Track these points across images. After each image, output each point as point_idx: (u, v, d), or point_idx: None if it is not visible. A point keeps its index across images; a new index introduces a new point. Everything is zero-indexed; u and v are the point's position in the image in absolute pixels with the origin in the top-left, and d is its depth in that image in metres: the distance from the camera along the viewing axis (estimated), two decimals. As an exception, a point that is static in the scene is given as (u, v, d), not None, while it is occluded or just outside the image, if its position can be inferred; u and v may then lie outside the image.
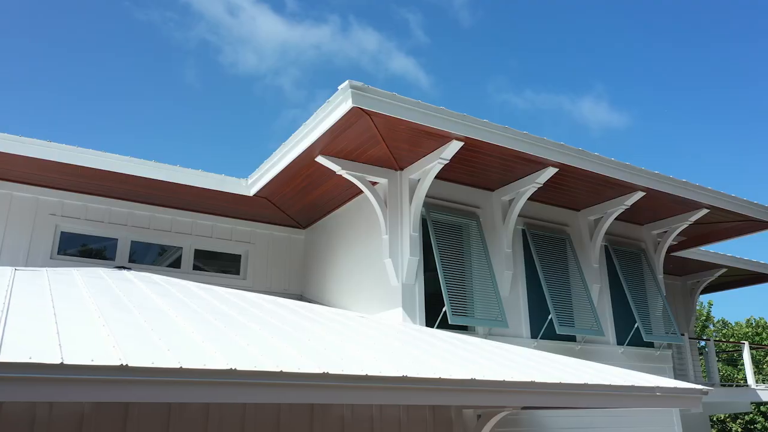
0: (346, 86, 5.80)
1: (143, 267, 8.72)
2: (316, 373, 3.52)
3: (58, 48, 43.65)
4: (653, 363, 9.40)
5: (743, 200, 9.34)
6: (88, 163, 7.62)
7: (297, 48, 56.66)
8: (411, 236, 7.30)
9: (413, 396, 3.92)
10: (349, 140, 6.85)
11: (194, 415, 4.75)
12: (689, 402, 5.55)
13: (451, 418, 5.91)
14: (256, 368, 3.36)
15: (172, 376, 3.11)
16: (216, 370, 3.21)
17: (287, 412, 5.09)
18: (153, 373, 3.07)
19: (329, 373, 3.56)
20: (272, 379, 3.38)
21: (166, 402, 4.75)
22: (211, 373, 3.21)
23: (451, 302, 7.14)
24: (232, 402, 3.34)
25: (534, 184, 7.83)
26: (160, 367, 3.08)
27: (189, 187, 8.29)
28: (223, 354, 3.53)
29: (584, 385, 4.71)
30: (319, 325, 5.42)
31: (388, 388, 3.79)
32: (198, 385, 3.18)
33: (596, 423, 8.44)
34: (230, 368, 3.25)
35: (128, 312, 4.49)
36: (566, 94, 62.44)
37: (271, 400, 3.42)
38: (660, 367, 9.47)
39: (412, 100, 6.13)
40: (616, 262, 9.44)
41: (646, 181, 8.28)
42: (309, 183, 8.14)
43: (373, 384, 3.71)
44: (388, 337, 5.32)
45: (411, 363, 4.25)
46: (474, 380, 4.13)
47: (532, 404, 4.67)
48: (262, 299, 6.53)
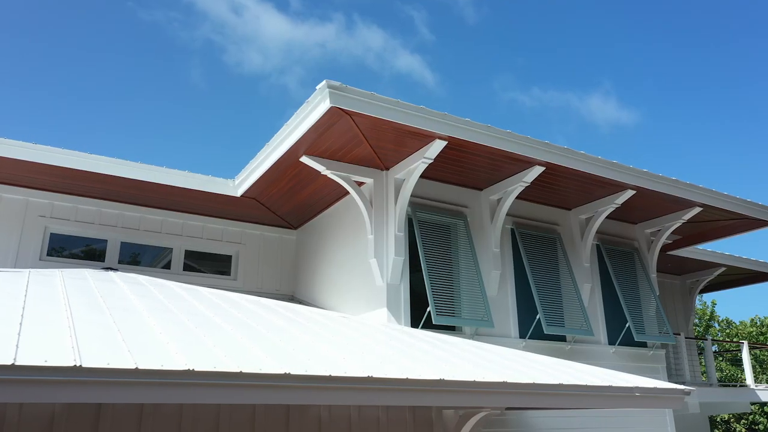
0: (323, 86, 5.79)
1: (133, 268, 8.75)
2: (277, 374, 3.51)
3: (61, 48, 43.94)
4: (646, 363, 9.32)
5: (737, 198, 9.25)
6: (72, 165, 7.64)
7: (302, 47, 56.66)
8: (396, 236, 7.27)
9: (379, 396, 3.90)
10: (332, 140, 6.84)
11: (168, 415, 4.75)
12: (671, 402, 5.50)
13: (432, 419, 5.88)
14: (215, 369, 3.35)
15: (126, 376, 3.10)
16: (172, 370, 3.21)
17: (263, 412, 5.09)
18: (107, 374, 3.07)
19: (291, 374, 3.55)
20: (231, 379, 3.37)
21: (136, 403, 4.76)
22: (168, 374, 3.20)
23: (436, 302, 7.11)
24: (191, 402, 3.33)
25: (521, 183, 7.79)
26: (114, 368, 3.08)
27: (177, 188, 8.31)
28: (184, 354, 3.52)
29: (559, 386, 4.67)
30: (297, 325, 5.41)
31: (354, 389, 3.77)
32: (155, 386, 3.18)
33: (588, 423, 8.38)
34: (188, 369, 3.24)
35: (101, 313, 4.49)
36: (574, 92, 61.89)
37: (229, 401, 3.41)
38: (653, 367, 9.40)
39: (391, 100, 6.11)
40: (608, 261, 9.37)
41: (635, 180, 8.21)
42: (296, 183, 8.14)
43: (337, 384, 3.70)
44: (365, 337, 5.31)
45: (380, 363, 4.23)
46: (443, 381, 4.10)
47: (506, 405, 4.64)
48: (245, 299, 6.53)
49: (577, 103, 61.10)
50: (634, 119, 61.86)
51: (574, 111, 62.29)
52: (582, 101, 61.05)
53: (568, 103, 61.16)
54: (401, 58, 58.24)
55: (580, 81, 62.20)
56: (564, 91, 61.39)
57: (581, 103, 60.99)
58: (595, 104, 60.95)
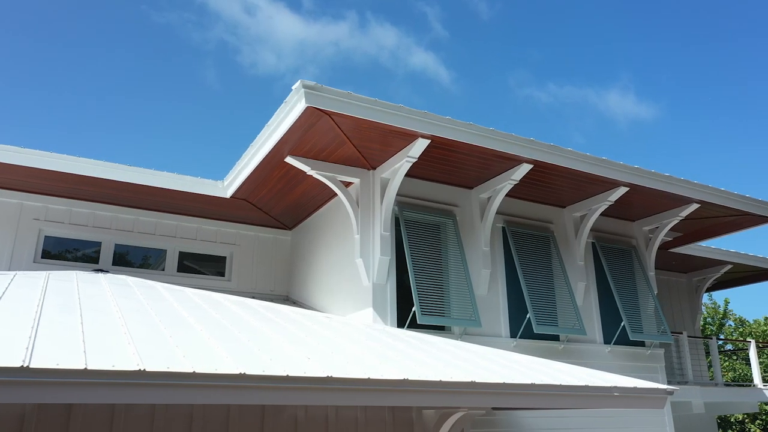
0: (299, 86, 5.79)
1: (127, 270, 8.83)
2: (232, 374, 3.50)
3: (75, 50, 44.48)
4: (643, 362, 9.18)
5: (735, 194, 9.07)
6: (64, 169, 7.72)
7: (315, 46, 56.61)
8: (382, 236, 7.25)
9: (339, 397, 3.87)
10: (315, 140, 6.83)
11: (140, 416, 4.78)
12: (653, 402, 5.39)
13: (412, 419, 5.84)
14: (168, 369, 3.36)
15: (75, 377, 3.12)
16: (123, 371, 3.22)
17: (237, 412, 5.09)
18: (55, 375, 3.08)
19: (246, 374, 3.54)
20: (183, 379, 3.37)
21: (108, 403, 4.80)
22: (118, 374, 3.21)
23: (421, 302, 7.07)
24: (141, 402, 3.34)
25: (510, 181, 7.71)
26: (63, 369, 3.09)
27: (169, 191, 8.37)
28: (138, 355, 3.53)
29: (531, 385, 4.60)
30: (274, 326, 5.40)
31: (311, 389, 3.75)
32: (103, 386, 3.19)
33: (585, 424, 8.27)
34: (139, 369, 3.25)
35: (71, 314, 4.53)
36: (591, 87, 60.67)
37: (182, 401, 3.41)
38: (651, 366, 9.25)
39: (370, 99, 6.09)
40: (603, 259, 9.25)
41: (627, 176, 8.10)
42: (285, 184, 8.15)
43: (294, 384, 3.68)
44: (341, 337, 5.28)
45: (346, 363, 4.21)
46: (406, 380, 4.06)
47: (476, 405, 4.58)
48: (228, 300, 6.55)
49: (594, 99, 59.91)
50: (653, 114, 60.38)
51: (591, 107, 61.06)
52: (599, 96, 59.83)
53: (585, 99, 60.00)
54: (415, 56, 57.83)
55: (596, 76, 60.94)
56: (581, 87, 60.26)
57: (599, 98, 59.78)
58: (612, 99, 59.67)
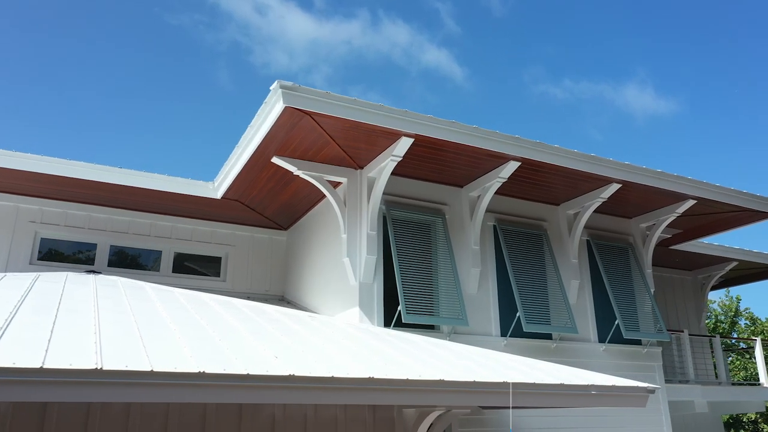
0: (276, 87, 5.82)
1: (123, 271, 8.93)
2: (191, 373, 3.53)
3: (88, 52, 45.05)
4: (639, 361, 9.07)
5: (732, 190, 8.93)
6: (58, 172, 7.84)
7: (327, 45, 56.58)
8: (369, 235, 7.25)
9: (301, 395, 3.89)
10: (299, 140, 6.85)
11: (115, 415, 4.83)
12: (634, 401, 5.33)
13: (393, 417, 5.84)
14: (126, 368, 3.40)
15: (32, 376, 3.17)
16: (80, 369, 3.25)
17: (213, 412, 5.13)
18: (13, 373, 3.14)
19: (206, 372, 3.56)
20: (141, 378, 3.40)
21: (84, 401, 4.86)
22: (75, 373, 3.25)
23: (407, 300, 7.06)
24: (97, 401, 3.39)
25: (498, 179, 7.67)
26: (20, 368, 3.15)
27: (163, 192, 8.45)
28: (99, 354, 3.57)
29: (503, 384, 4.58)
30: (253, 325, 5.43)
31: (274, 387, 3.77)
32: (60, 385, 3.24)
33: (579, 423, 8.20)
34: (95, 368, 3.29)
35: (47, 314, 4.60)
36: (607, 82, 59.42)
37: (140, 399, 3.45)
38: (647, 365, 9.14)
39: (348, 98, 6.10)
40: (598, 257, 9.15)
41: (619, 173, 8.01)
42: (275, 184, 8.19)
43: (255, 383, 3.70)
44: (318, 336, 5.29)
45: (313, 362, 4.21)
46: (372, 379, 4.06)
47: (445, 403, 4.57)
48: (214, 300, 6.59)
49: (611, 94, 58.69)
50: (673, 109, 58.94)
51: (608, 102, 59.81)
52: (616, 92, 58.60)
53: (602, 95, 58.81)
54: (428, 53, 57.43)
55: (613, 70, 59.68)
56: (597, 82, 59.10)
57: (616, 93, 58.54)
58: (630, 94, 58.38)
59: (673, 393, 10.23)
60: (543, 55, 58.78)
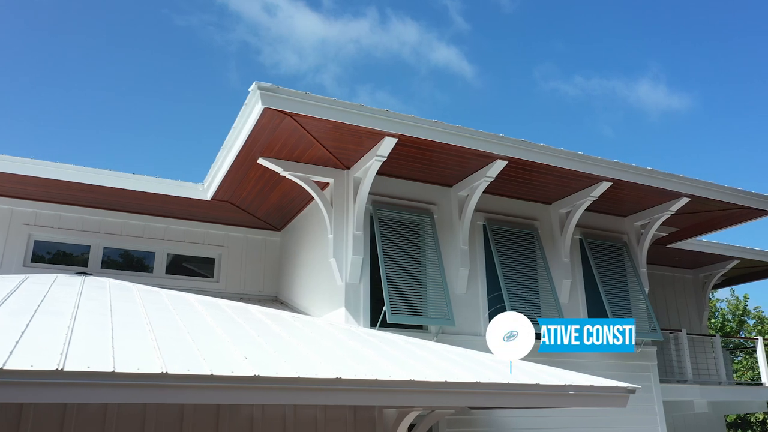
0: (254, 88, 5.84)
1: (116, 272, 8.99)
2: (153, 374, 3.54)
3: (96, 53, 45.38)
4: (633, 360, 8.98)
5: (726, 187, 8.83)
6: (51, 175, 7.94)
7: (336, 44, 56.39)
8: (355, 235, 7.25)
9: (266, 395, 3.90)
10: (283, 141, 6.87)
11: (92, 416, 4.87)
12: (614, 401, 5.30)
13: (375, 417, 5.83)
14: (88, 369, 3.42)
15: None
16: (41, 371, 3.28)
17: (191, 412, 5.16)
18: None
19: (168, 373, 3.57)
20: (103, 379, 3.42)
21: (54, 402, 4.89)
22: (35, 374, 3.28)
23: (392, 300, 7.05)
24: (59, 402, 3.43)
25: (486, 178, 7.64)
26: (-21, 369, 3.18)
27: (155, 194, 8.51)
28: (64, 354, 3.60)
29: (476, 384, 4.56)
30: (232, 326, 5.44)
31: (237, 388, 3.78)
32: (22, 386, 3.27)
33: (570, 423, 8.13)
34: (57, 369, 3.32)
35: (25, 315, 4.64)
36: (619, 78, 58.25)
37: (104, 400, 3.49)
38: (642, 364, 9.05)
39: (327, 99, 6.10)
40: (590, 255, 9.09)
41: (608, 171, 7.95)
42: (264, 185, 8.22)
43: (218, 384, 3.70)
44: (295, 337, 5.30)
45: (282, 362, 4.22)
46: (340, 379, 4.06)
47: (416, 404, 4.56)
48: (199, 302, 6.62)
49: (623, 91, 57.53)
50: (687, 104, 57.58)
51: (620, 99, 58.66)
52: (629, 88, 57.43)
53: (614, 91, 57.68)
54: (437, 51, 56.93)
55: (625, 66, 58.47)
56: (609, 78, 58.02)
57: (628, 90, 57.36)
58: (643, 90, 57.17)
59: (671, 393, 10.14)
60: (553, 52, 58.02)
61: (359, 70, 59.52)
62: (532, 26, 55.78)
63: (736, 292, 23.39)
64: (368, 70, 60.14)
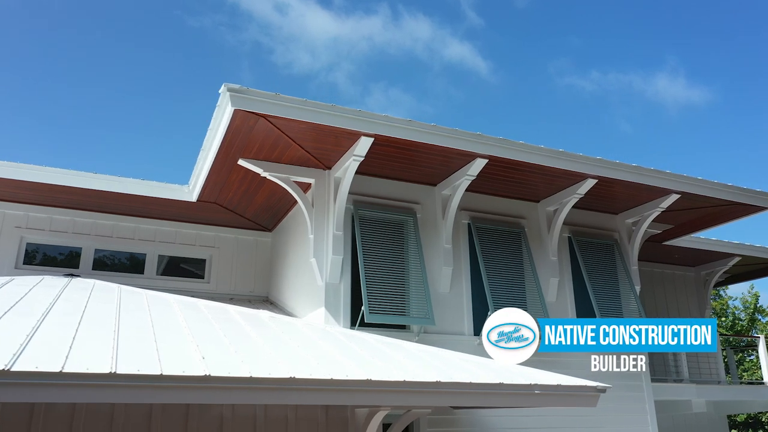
0: (224, 90, 5.88)
1: (107, 274, 9.10)
2: (102, 374, 3.59)
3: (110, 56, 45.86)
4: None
5: (716, 183, 8.70)
6: (41, 179, 8.07)
7: (349, 42, 56.15)
8: (335, 235, 7.27)
9: (219, 395, 3.93)
10: (261, 142, 6.91)
11: (60, 415, 4.95)
12: (583, 400, 5.25)
13: (347, 417, 5.84)
14: (36, 369, 3.48)
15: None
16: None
17: (159, 411, 5.21)
18: None
19: (116, 373, 3.62)
20: (50, 379, 3.47)
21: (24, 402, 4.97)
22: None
23: (370, 300, 7.05)
24: (6, 401, 3.49)
25: (467, 177, 7.61)
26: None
27: (144, 197, 8.61)
28: (14, 356, 3.65)
29: (436, 383, 4.55)
30: (203, 326, 5.48)
31: (189, 388, 3.81)
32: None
33: (557, 423, 8.06)
34: (3, 369, 3.38)
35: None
36: (636, 72, 56.80)
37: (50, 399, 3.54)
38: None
39: (298, 99, 6.12)
40: (579, 254, 9.01)
41: (592, 168, 7.88)
42: (248, 186, 8.27)
43: (169, 384, 3.75)
44: (263, 337, 5.32)
45: (239, 362, 4.23)
46: (293, 379, 4.08)
47: (375, 403, 4.56)
48: (179, 302, 6.66)
49: (641, 85, 56.10)
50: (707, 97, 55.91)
51: (638, 93, 57.21)
52: (647, 82, 56.02)
53: (631, 85, 56.29)
54: (451, 47, 56.32)
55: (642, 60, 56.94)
56: (626, 72, 56.64)
57: (646, 84, 55.93)
58: (661, 84, 55.68)
59: (667, 392, 10.00)
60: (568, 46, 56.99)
61: (372, 67, 59.24)
62: (546, 20, 54.95)
63: (741, 289, 22.98)
64: (381, 68, 59.82)
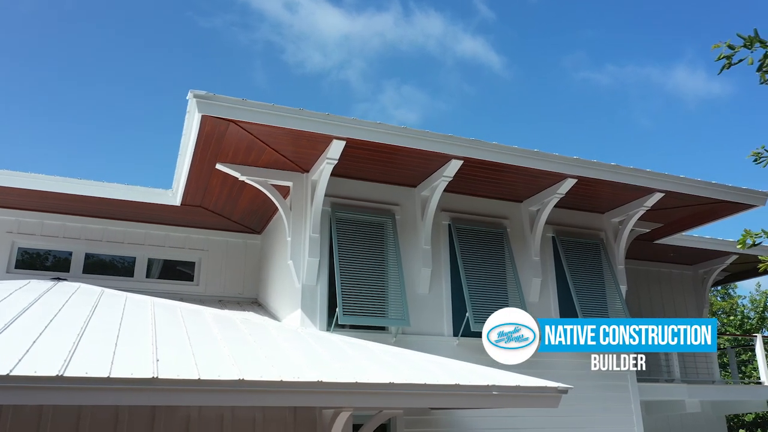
0: (191, 96, 5.99)
1: (97, 277, 9.28)
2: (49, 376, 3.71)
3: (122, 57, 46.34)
4: (608, 359, 8.84)
5: (699, 182, 8.63)
6: (32, 186, 8.28)
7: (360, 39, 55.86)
8: (311, 238, 7.35)
9: (166, 397, 4.03)
10: (236, 147, 7.01)
11: (27, 416, 5.09)
12: (544, 401, 5.27)
13: (315, 418, 5.91)
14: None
15: None
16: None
17: (126, 412, 5.33)
18: None
19: (64, 376, 3.73)
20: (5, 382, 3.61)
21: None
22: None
23: (344, 301, 7.12)
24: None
25: (444, 178, 7.65)
26: None
27: (128, 201, 8.77)
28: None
29: (389, 385, 4.60)
30: (172, 329, 5.59)
31: (135, 390, 3.91)
32: None
33: (541, 423, 8.06)
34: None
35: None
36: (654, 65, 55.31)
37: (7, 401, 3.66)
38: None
39: (264, 104, 6.21)
40: (562, 253, 8.99)
41: (570, 168, 7.87)
42: (230, 189, 8.39)
43: (117, 386, 3.85)
44: (228, 339, 5.41)
45: (192, 365, 4.33)
46: (242, 381, 4.16)
47: (326, 404, 4.62)
48: (159, 305, 6.77)
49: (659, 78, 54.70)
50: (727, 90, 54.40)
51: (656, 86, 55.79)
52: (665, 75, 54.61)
53: (649, 78, 54.88)
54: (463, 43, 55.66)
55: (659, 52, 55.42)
56: (643, 65, 55.25)
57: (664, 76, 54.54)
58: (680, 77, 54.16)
59: (658, 392, 9.92)
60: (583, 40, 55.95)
61: (384, 64, 58.90)
62: (560, 13, 54.06)
63: (739, 287, 22.61)
64: (394, 65, 59.47)
